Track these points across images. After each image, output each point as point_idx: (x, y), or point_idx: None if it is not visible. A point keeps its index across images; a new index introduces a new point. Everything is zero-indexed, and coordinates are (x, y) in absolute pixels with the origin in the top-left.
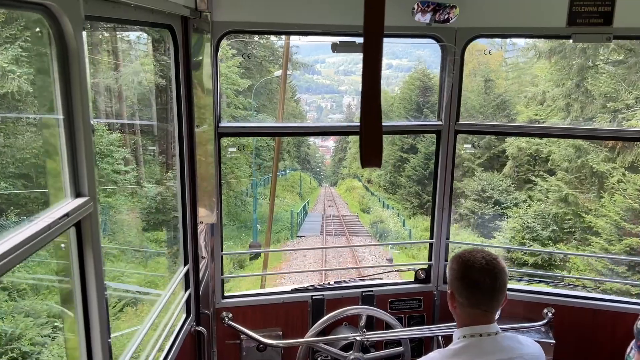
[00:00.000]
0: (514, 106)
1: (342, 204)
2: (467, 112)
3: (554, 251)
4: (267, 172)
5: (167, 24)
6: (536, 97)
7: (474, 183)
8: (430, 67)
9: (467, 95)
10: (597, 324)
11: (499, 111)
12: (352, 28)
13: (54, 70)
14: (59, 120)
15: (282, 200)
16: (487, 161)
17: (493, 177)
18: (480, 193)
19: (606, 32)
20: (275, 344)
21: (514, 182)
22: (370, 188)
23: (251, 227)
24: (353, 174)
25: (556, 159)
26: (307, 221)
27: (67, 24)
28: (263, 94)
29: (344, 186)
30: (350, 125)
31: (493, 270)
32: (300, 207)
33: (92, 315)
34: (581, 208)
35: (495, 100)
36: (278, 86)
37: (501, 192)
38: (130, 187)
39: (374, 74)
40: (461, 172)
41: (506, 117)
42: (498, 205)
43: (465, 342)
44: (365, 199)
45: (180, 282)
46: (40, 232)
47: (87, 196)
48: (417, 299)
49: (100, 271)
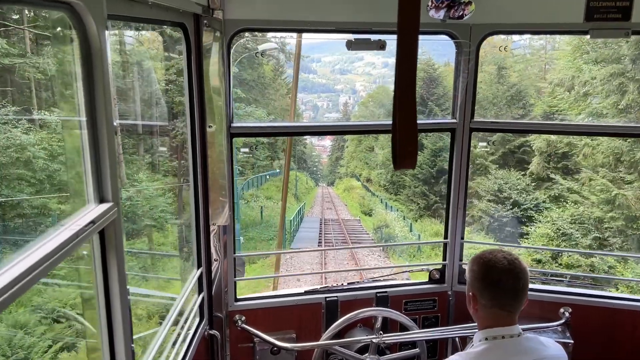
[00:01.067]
0: (530, 97)
1: (341, 206)
2: (477, 104)
3: (573, 250)
4: (260, 171)
5: (179, 22)
6: (564, 84)
7: (489, 182)
8: (435, 58)
9: (478, 86)
10: (616, 323)
11: (513, 102)
12: (367, 25)
13: (76, 71)
14: (81, 122)
15: (275, 203)
16: (501, 158)
17: (510, 175)
18: (496, 193)
19: (624, 28)
20: (290, 347)
21: (536, 180)
22: (370, 188)
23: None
24: (351, 173)
25: (597, 154)
26: (303, 228)
27: (90, 23)
28: (255, 88)
29: (341, 186)
30: (375, 124)
31: (515, 270)
32: (295, 211)
33: (115, 321)
34: (634, 211)
35: (510, 91)
36: (267, 74)
37: (520, 192)
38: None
39: (409, 71)
40: (472, 170)
41: (522, 109)
42: (517, 206)
43: (488, 344)
44: (365, 200)
45: (194, 286)
46: (68, 240)
47: (111, 202)
48: (431, 300)
49: (124, 277)
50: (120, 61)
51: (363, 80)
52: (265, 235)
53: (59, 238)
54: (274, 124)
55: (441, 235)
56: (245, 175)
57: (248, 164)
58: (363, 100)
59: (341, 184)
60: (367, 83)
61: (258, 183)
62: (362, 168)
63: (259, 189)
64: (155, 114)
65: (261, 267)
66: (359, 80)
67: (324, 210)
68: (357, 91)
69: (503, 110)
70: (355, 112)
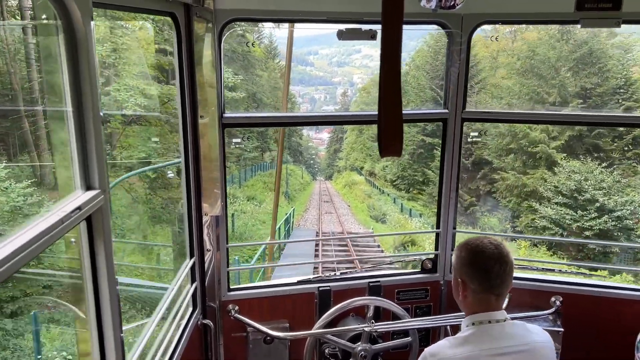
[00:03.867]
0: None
1: (343, 208)
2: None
3: (561, 239)
4: (248, 164)
5: (169, 12)
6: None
7: (560, 178)
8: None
9: (502, 80)
10: (606, 311)
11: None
12: (358, 15)
13: (62, 60)
14: (67, 112)
15: (258, 206)
16: (567, 144)
17: (584, 168)
18: (573, 194)
19: (615, 17)
20: (283, 336)
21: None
22: (375, 183)
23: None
24: (350, 166)
25: None
26: (290, 250)
27: (75, 12)
28: (236, 61)
29: (341, 181)
30: (364, 114)
31: (502, 255)
32: (281, 220)
33: (104, 310)
34: None
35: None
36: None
37: (606, 192)
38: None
39: (393, 59)
40: (523, 160)
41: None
42: (606, 213)
43: (474, 329)
44: (372, 198)
45: (186, 275)
46: (52, 226)
47: (98, 189)
48: (424, 289)
49: (112, 265)
50: None
51: (361, 72)
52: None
53: (44, 224)
54: (267, 114)
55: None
56: (229, 169)
57: (233, 156)
58: (360, 91)
59: (341, 179)
60: (364, 75)
61: (241, 179)
62: (363, 160)
63: (241, 186)
64: None
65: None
66: (357, 73)
67: (322, 216)
68: (354, 83)
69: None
70: (356, 99)
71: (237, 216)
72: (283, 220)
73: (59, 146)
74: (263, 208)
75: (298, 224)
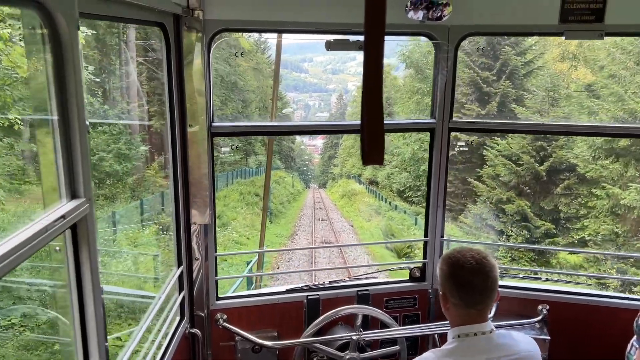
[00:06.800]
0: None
1: (345, 228)
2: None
3: (544, 247)
4: (226, 169)
5: (159, 22)
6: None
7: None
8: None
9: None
10: (593, 320)
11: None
12: (346, 26)
13: (47, 70)
14: (53, 120)
15: (222, 230)
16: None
17: None
18: None
19: (598, 29)
20: (271, 345)
21: None
22: (380, 194)
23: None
24: (347, 174)
25: None
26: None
27: (61, 21)
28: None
29: (338, 190)
30: (348, 124)
31: (483, 269)
32: (245, 268)
33: (88, 319)
34: None
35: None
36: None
37: None
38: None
39: (375, 70)
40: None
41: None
42: None
43: (460, 341)
44: (382, 216)
45: (174, 284)
46: (36, 234)
47: (83, 197)
48: (412, 298)
49: (97, 273)
50: None
51: (355, 80)
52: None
53: (27, 232)
54: (255, 123)
55: None
56: (218, 171)
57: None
58: (355, 98)
59: (337, 188)
60: (359, 83)
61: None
62: (360, 167)
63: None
64: None
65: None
66: (352, 80)
67: (317, 249)
68: (349, 91)
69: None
70: (350, 110)
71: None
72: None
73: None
74: (228, 233)
75: (277, 266)
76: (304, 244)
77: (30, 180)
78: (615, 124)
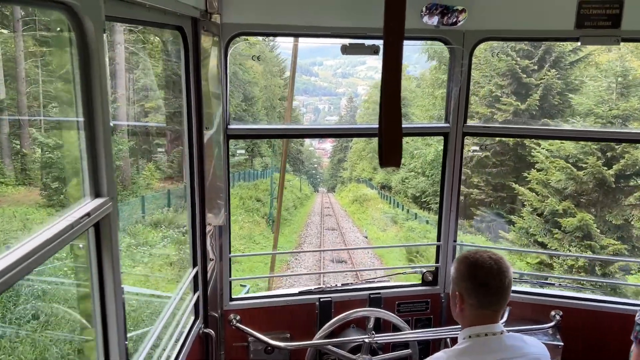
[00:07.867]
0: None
1: (357, 238)
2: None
3: (552, 252)
4: (232, 171)
5: (177, 26)
6: None
7: None
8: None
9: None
10: (606, 326)
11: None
12: (361, 30)
13: (74, 72)
14: (79, 122)
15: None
16: None
17: None
18: None
19: (614, 35)
20: (283, 346)
21: None
22: (396, 200)
23: None
24: (357, 178)
25: None
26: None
27: (89, 24)
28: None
29: (348, 195)
30: (364, 127)
31: (501, 270)
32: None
33: (109, 317)
34: None
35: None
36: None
37: None
38: None
39: (394, 73)
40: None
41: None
42: None
43: (471, 341)
44: (395, 223)
45: (189, 285)
46: (62, 232)
47: (107, 196)
48: (424, 302)
49: (118, 272)
50: None
51: (365, 84)
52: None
53: (54, 229)
54: (271, 126)
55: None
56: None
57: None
58: (364, 102)
59: (346, 192)
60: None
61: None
62: (370, 171)
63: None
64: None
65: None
66: (361, 84)
67: (327, 269)
68: (359, 95)
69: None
70: (360, 112)
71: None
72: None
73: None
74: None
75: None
76: (310, 263)
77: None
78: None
